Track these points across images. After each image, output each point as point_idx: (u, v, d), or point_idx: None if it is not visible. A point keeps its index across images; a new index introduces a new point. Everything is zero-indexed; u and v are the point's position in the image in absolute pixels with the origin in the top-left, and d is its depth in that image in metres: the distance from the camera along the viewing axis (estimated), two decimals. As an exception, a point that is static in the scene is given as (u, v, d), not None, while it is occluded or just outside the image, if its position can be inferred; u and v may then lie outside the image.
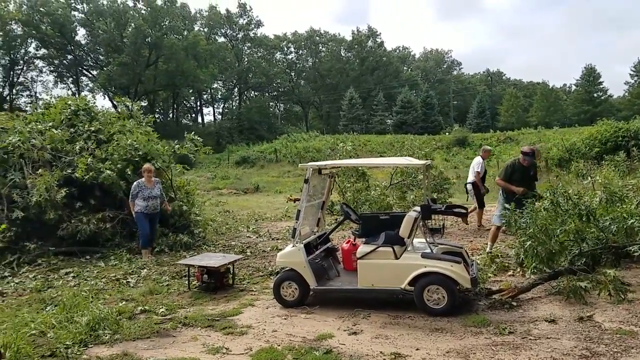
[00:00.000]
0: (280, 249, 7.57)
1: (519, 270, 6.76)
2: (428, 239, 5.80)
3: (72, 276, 7.65)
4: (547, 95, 63.01)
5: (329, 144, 30.47)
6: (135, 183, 8.88)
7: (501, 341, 4.58)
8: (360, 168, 13.56)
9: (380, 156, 31.54)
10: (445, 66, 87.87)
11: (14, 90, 58.27)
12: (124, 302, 6.22)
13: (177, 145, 11.02)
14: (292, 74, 77.11)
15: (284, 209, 14.94)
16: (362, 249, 5.66)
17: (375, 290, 5.57)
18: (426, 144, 31.73)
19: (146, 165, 9.22)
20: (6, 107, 46.62)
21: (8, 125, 10.01)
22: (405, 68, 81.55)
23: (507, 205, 6.76)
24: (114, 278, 7.53)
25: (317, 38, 75.75)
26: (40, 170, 9.11)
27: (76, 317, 5.24)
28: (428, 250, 5.57)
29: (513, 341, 4.57)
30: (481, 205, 10.47)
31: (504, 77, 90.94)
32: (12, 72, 56.68)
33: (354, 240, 6.56)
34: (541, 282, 5.83)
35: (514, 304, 5.54)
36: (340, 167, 7.03)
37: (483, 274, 6.63)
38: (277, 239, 10.65)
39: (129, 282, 7.35)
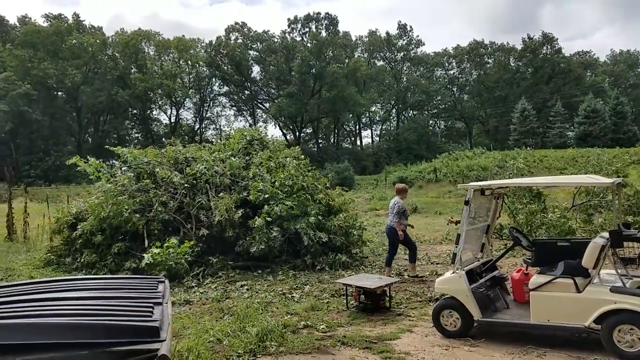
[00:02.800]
0: (440, 274, 7.24)
1: None
2: (619, 271, 4.95)
3: (246, 289, 8.39)
4: None
5: (497, 161, 28.54)
6: (400, 202, 8.98)
7: None
8: (535, 188, 12.30)
9: (561, 173, 28.36)
10: (639, 69, 75.76)
11: (203, 124, 68.09)
12: (288, 316, 6.56)
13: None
14: (454, 89, 74.85)
15: (444, 232, 14.33)
16: (536, 279, 5.14)
17: (552, 327, 4.99)
18: (618, 158, 27.47)
19: (404, 185, 9.61)
20: (197, 139, 54.62)
21: (197, 154, 11.64)
22: (588, 74, 72.51)
23: None
24: (280, 292, 8.04)
25: (482, 50, 72.32)
26: (221, 193, 10.34)
27: (248, 327, 5.68)
28: (619, 284, 4.76)
29: None
30: None
31: None
32: (201, 109, 66.35)
33: (526, 269, 5.97)
34: None
35: None
36: (507, 187, 6.44)
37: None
38: (437, 264, 10.26)
39: (293, 296, 7.77)
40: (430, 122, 74.04)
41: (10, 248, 12.61)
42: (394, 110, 73.47)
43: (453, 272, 5.60)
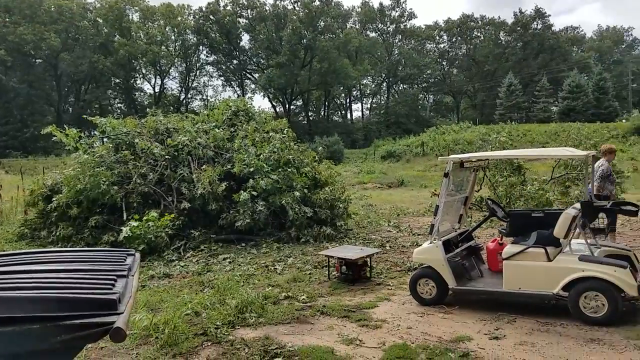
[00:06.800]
0: (420, 245, 7.36)
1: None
2: (589, 240, 5.08)
3: (228, 262, 8.43)
4: None
5: (482, 134, 28.74)
6: (606, 165, 7.90)
7: (673, 359, 3.88)
8: (515, 161, 12.49)
9: (543, 147, 28.68)
10: (624, 46, 75.87)
11: (189, 95, 66.58)
12: (270, 288, 6.64)
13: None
14: (444, 63, 74.40)
15: (428, 204, 14.51)
16: (509, 249, 5.27)
17: (523, 294, 5.15)
18: (597, 132, 27.87)
19: (611, 146, 8.30)
20: (182, 109, 53.67)
21: (179, 125, 11.43)
22: (575, 49, 72.45)
23: None
24: (263, 264, 8.11)
25: (472, 23, 71.61)
26: (204, 166, 10.24)
27: (227, 300, 5.74)
28: (587, 253, 4.91)
29: (689, 361, 3.84)
30: None
31: (697, 54, 75.12)
32: (187, 78, 64.78)
33: (501, 240, 6.10)
34: None
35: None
36: (486, 159, 6.53)
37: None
38: (418, 235, 10.41)
39: (276, 268, 7.85)
40: (420, 96, 73.75)
41: (-18, 221, 12.22)
42: (384, 84, 72.94)
43: (431, 242, 5.70)
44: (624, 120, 39.13)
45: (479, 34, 72.53)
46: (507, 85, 55.47)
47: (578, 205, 5.24)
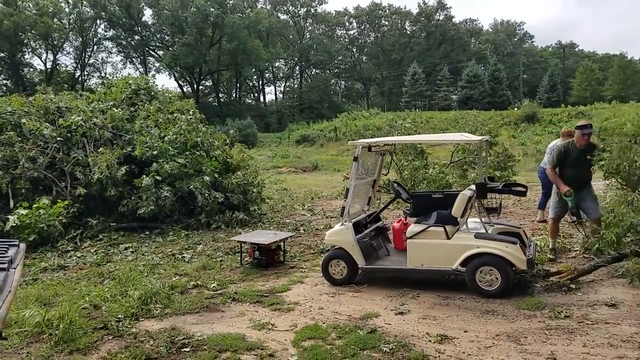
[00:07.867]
0: (332, 227, 7.49)
1: (581, 252, 6.31)
2: (483, 219, 5.48)
3: (130, 251, 7.97)
4: (625, 68, 57.97)
5: (389, 121, 29.86)
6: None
7: (555, 325, 4.34)
8: (419, 146, 13.16)
9: (443, 133, 30.53)
10: (516, 39, 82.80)
11: (85, 72, 60.76)
12: (177, 277, 6.38)
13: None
14: (354, 50, 75.83)
15: (340, 187, 14.86)
16: (412, 228, 5.49)
17: (425, 271, 5.40)
18: (492, 119, 30.29)
19: (571, 130, 8.10)
20: (78, 87, 49.16)
21: (72, 104, 10.47)
22: (473, 41, 77.62)
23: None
24: (170, 253, 7.76)
25: (380, 12, 73.64)
26: (101, 148, 9.49)
27: (130, 291, 5.42)
28: (482, 231, 5.29)
29: (568, 325, 4.31)
30: None
31: (577, 50, 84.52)
32: (83, 54, 59.14)
33: (405, 220, 6.34)
34: (604, 264, 5.38)
35: (573, 286, 5.22)
36: (391, 144, 6.77)
37: (542, 255, 6.27)
38: (331, 217, 10.59)
39: (184, 257, 7.54)
40: (332, 81, 74.71)
41: None
42: (297, 68, 72.72)
43: (342, 225, 5.80)
44: (515, 108, 42.73)
45: (386, 23, 74.87)
46: (412, 74, 58.17)
47: (473, 186, 5.61)
